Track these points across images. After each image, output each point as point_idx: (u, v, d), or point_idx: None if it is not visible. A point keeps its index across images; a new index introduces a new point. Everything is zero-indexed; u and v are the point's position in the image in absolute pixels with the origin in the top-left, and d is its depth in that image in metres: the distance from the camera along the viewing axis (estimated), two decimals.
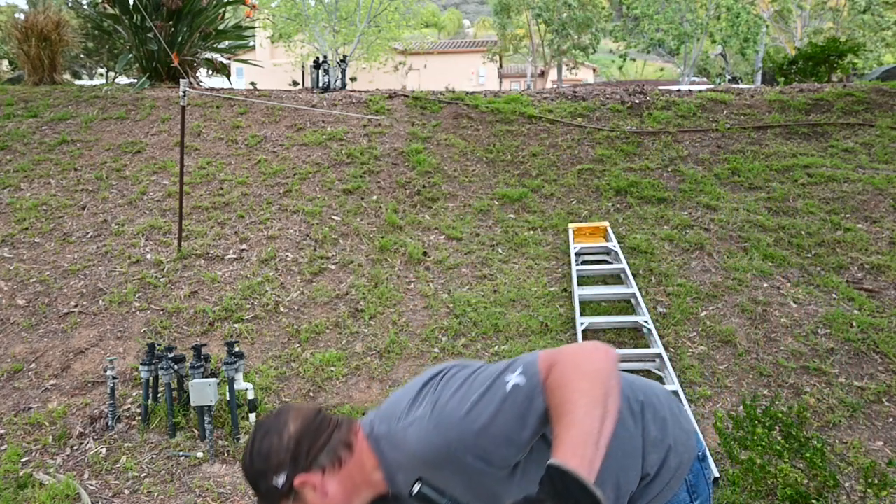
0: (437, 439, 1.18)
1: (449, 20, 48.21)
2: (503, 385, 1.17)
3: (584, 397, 1.08)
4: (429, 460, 1.21)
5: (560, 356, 1.15)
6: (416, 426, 1.22)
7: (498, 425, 1.15)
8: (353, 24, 15.32)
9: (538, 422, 1.16)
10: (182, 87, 4.74)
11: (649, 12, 14.78)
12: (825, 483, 2.75)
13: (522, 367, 1.18)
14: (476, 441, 1.16)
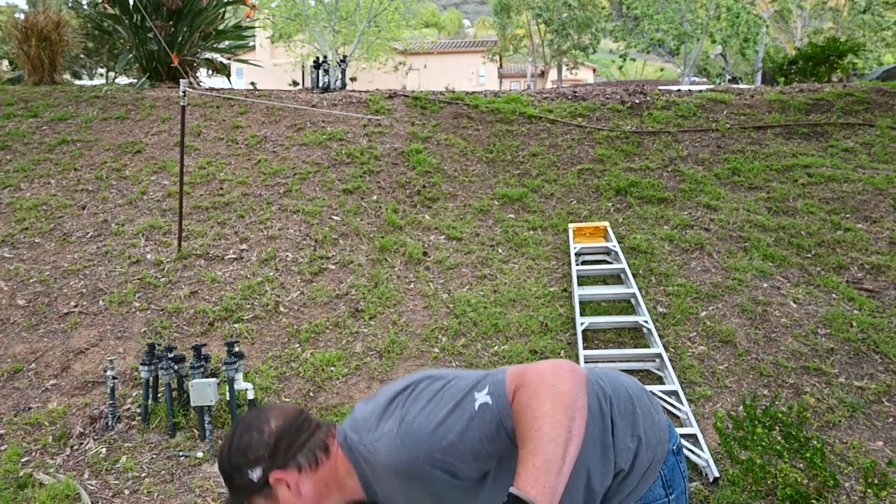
0: (405, 454, 1.20)
1: (449, 20, 48.21)
2: (472, 402, 1.18)
3: (547, 423, 1.08)
4: (399, 472, 1.22)
5: (526, 377, 1.15)
6: (385, 440, 1.23)
7: (465, 442, 1.17)
8: (353, 24, 15.32)
9: (505, 440, 1.17)
10: (182, 87, 4.74)
11: (649, 12, 14.78)
12: (825, 483, 2.75)
13: (490, 386, 1.19)
14: (444, 457, 1.18)
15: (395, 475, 1.23)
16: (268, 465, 1.30)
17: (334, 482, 1.32)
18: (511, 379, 1.17)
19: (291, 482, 1.30)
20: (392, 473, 1.24)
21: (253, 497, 1.31)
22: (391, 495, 1.30)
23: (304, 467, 1.30)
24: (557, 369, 1.14)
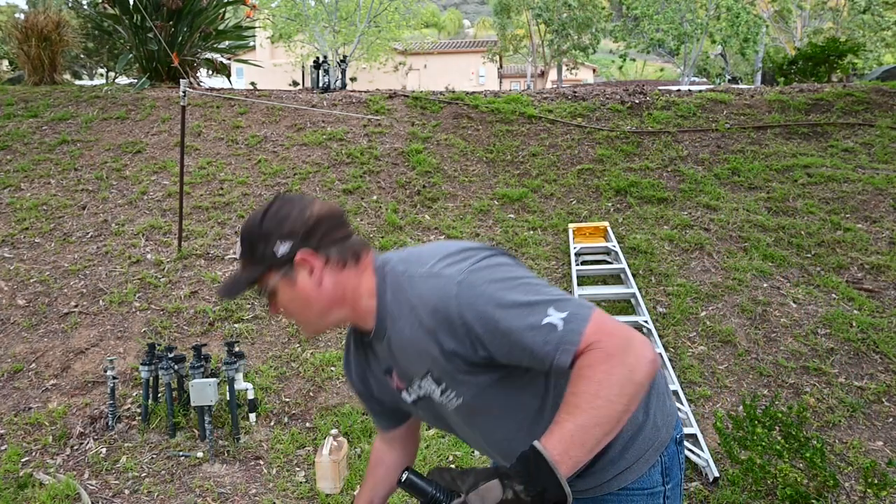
0: (453, 303, 1.11)
1: (449, 20, 48.21)
2: (542, 313, 1.06)
3: (604, 405, 1.00)
4: (431, 312, 1.14)
5: (610, 341, 1.03)
6: (440, 281, 1.14)
7: (509, 340, 1.08)
8: (353, 24, 15.32)
9: (543, 367, 1.08)
10: (182, 87, 4.74)
11: (649, 12, 14.78)
12: (825, 483, 2.75)
13: (569, 314, 1.06)
14: (483, 333, 1.10)
15: (427, 316, 1.14)
16: (298, 243, 1.20)
17: (352, 295, 1.24)
18: (593, 328, 1.05)
19: (316, 268, 1.21)
20: (425, 313, 1.14)
21: (269, 273, 1.21)
22: (395, 341, 1.23)
23: (333, 261, 1.21)
24: (642, 354, 1.03)
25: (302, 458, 3.39)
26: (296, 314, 1.26)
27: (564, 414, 1.02)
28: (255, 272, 1.21)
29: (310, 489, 3.11)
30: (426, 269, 1.18)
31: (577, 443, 0.99)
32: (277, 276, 1.21)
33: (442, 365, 1.16)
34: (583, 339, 1.04)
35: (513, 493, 0.94)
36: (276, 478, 3.23)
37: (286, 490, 3.13)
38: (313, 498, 3.07)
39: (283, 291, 1.22)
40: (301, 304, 1.23)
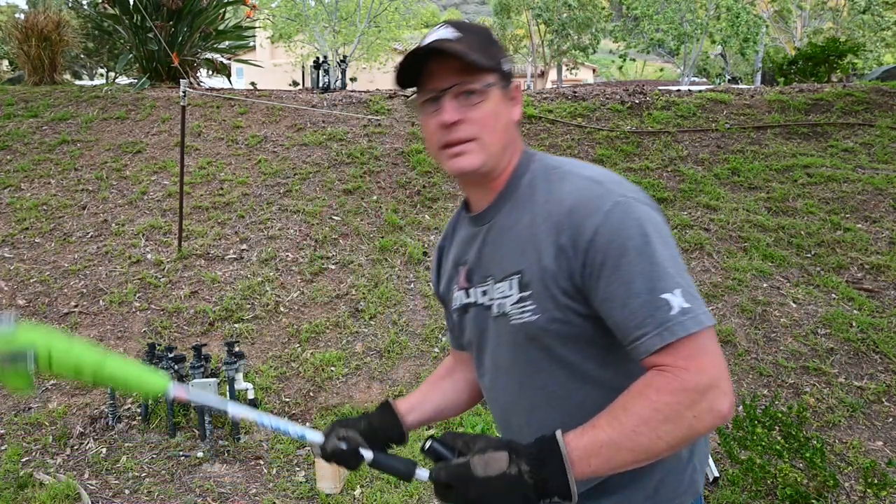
0: (599, 215, 0.97)
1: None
2: (669, 287, 0.94)
3: (646, 437, 0.89)
4: (566, 212, 1.00)
5: (693, 373, 0.90)
6: (601, 189, 1.01)
7: (623, 289, 0.95)
8: (353, 25, 15.32)
9: (626, 339, 0.97)
10: (182, 87, 4.74)
11: (649, 12, 14.78)
12: (825, 483, 2.75)
13: (690, 308, 0.93)
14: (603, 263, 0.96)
15: (559, 214, 1.01)
16: (510, 75, 1.11)
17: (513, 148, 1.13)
18: (696, 342, 0.92)
19: (519, 103, 1.13)
20: (558, 209, 1.01)
21: (493, 74, 1.06)
22: (500, 228, 1.11)
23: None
24: (717, 406, 0.90)
25: (302, 458, 3.39)
26: (487, 130, 1.06)
27: (605, 421, 0.92)
28: (488, 61, 1.04)
29: (310, 489, 3.11)
30: (589, 173, 1.06)
31: (603, 456, 0.90)
32: (498, 83, 1.07)
33: (544, 269, 1.01)
34: (682, 341, 0.92)
35: (518, 470, 0.89)
36: (276, 478, 3.24)
37: (286, 490, 3.14)
38: (313, 498, 3.07)
39: (493, 101, 1.06)
40: (500, 124, 1.08)
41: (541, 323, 1.03)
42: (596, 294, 0.98)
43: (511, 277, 1.06)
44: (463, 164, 1.07)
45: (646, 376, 0.94)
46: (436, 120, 1.07)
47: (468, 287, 1.17)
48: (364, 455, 1.12)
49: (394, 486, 3.13)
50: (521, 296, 1.05)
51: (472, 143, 1.06)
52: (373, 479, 3.20)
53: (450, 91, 1.05)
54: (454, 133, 1.06)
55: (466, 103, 1.05)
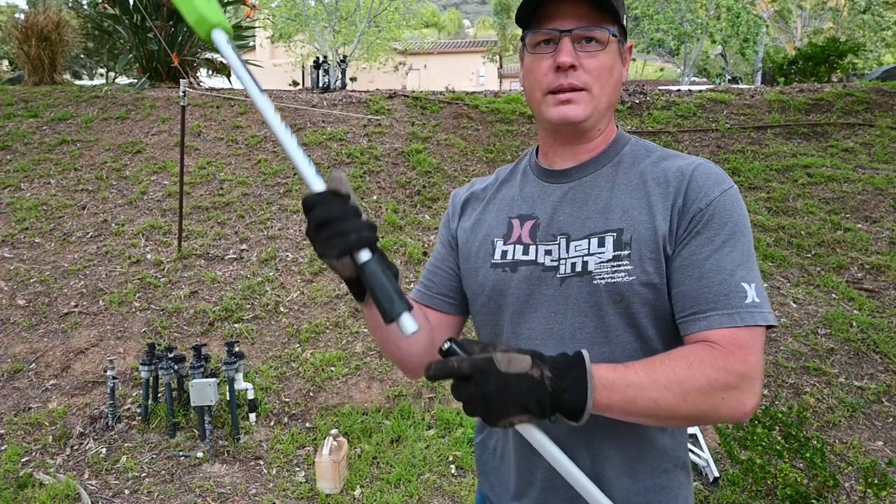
0: (714, 189, 0.99)
1: (449, 20, 48.19)
2: (749, 278, 0.96)
3: (673, 394, 0.88)
4: (684, 177, 1.01)
5: (738, 359, 0.91)
6: (713, 170, 1.02)
7: (709, 261, 0.96)
8: (353, 24, 15.32)
9: (685, 312, 0.97)
10: (182, 87, 4.74)
11: (649, 12, 14.78)
12: (825, 483, 2.75)
13: (759, 304, 0.95)
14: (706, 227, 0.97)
15: (675, 178, 1.02)
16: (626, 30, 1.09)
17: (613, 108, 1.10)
18: (751, 334, 0.93)
19: (628, 63, 1.10)
20: (674, 174, 1.02)
21: (616, 24, 1.04)
22: (596, 185, 1.08)
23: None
24: (747, 398, 0.91)
25: (302, 458, 3.39)
26: (600, 82, 1.03)
27: (640, 366, 0.91)
28: (613, 11, 1.02)
29: (310, 489, 3.11)
30: (695, 159, 1.06)
31: (625, 396, 0.88)
32: (619, 34, 1.05)
33: (654, 229, 1.00)
34: (742, 330, 0.93)
35: (540, 374, 0.84)
36: (276, 478, 3.23)
37: (286, 490, 3.14)
38: (313, 498, 3.07)
39: (609, 55, 1.03)
40: (614, 79, 1.05)
41: (635, 284, 1.00)
42: (678, 256, 0.99)
43: (604, 235, 1.02)
44: (569, 112, 1.04)
45: (693, 345, 0.94)
46: (549, 62, 1.03)
47: (529, 244, 1.09)
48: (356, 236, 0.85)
49: (394, 486, 3.13)
50: (617, 254, 1.01)
51: (582, 93, 1.03)
52: (373, 479, 3.20)
53: (572, 33, 1.01)
54: (568, 78, 1.02)
55: (585, 49, 1.02)
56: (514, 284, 1.08)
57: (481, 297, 1.14)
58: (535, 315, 1.07)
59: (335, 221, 0.85)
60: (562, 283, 1.04)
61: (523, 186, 1.16)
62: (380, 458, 3.34)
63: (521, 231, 1.11)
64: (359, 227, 0.85)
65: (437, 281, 1.21)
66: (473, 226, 1.19)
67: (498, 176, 1.23)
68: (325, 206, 0.85)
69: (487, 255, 1.13)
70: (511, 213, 1.14)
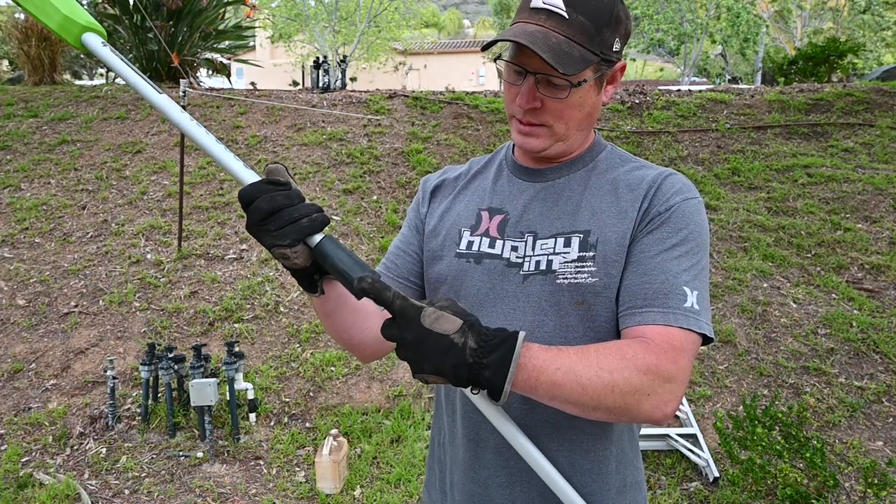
0: (675, 197, 1.01)
1: (449, 20, 48.19)
2: (692, 283, 0.96)
3: (601, 383, 0.87)
4: (654, 185, 1.03)
5: (668, 360, 0.91)
6: (678, 181, 1.05)
7: (657, 259, 0.98)
8: (353, 24, 15.32)
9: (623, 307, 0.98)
10: (182, 87, 4.74)
11: (649, 12, 14.78)
12: (825, 483, 2.75)
13: (698, 308, 0.95)
14: (661, 227, 1.00)
15: (647, 184, 1.04)
16: (622, 48, 1.05)
17: (589, 123, 1.10)
18: (681, 341, 0.93)
19: (616, 83, 1.08)
20: (645, 181, 1.04)
21: (591, 67, 1.00)
22: (567, 187, 1.09)
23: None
24: (665, 400, 0.90)
25: (302, 458, 3.39)
26: (563, 121, 1.04)
27: (574, 350, 0.89)
28: (592, 54, 0.99)
29: (310, 489, 3.11)
30: (668, 170, 1.08)
31: (554, 379, 0.86)
32: (594, 74, 1.02)
33: (621, 232, 1.01)
34: (676, 331, 0.93)
35: (463, 342, 0.82)
36: (276, 478, 3.23)
37: (286, 490, 3.13)
38: (313, 498, 3.07)
39: (581, 93, 1.02)
40: (583, 114, 1.05)
41: (598, 286, 1.00)
42: (629, 252, 1.00)
43: (570, 235, 1.03)
44: (528, 143, 1.06)
45: (629, 340, 0.94)
46: (512, 95, 1.04)
47: (500, 237, 1.09)
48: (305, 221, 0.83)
49: (394, 486, 3.13)
50: (582, 255, 1.01)
51: (542, 129, 1.04)
52: (373, 479, 3.20)
53: (536, 76, 1.00)
54: (528, 115, 1.04)
55: (550, 93, 1.01)
56: (476, 276, 1.08)
57: (441, 285, 1.13)
58: (494, 309, 1.06)
59: (284, 209, 0.84)
60: (524, 280, 1.04)
61: (497, 180, 1.16)
62: (380, 458, 3.34)
63: (490, 224, 1.11)
64: (309, 211, 0.85)
65: (399, 264, 1.20)
66: (442, 213, 1.18)
67: (471, 166, 1.22)
68: (269, 197, 0.83)
69: (453, 244, 1.12)
70: (481, 204, 1.14)
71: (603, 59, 1.00)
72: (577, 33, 0.97)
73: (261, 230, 0.85)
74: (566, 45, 0.97)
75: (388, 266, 1.21)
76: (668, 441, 3.29)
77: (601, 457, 1.06)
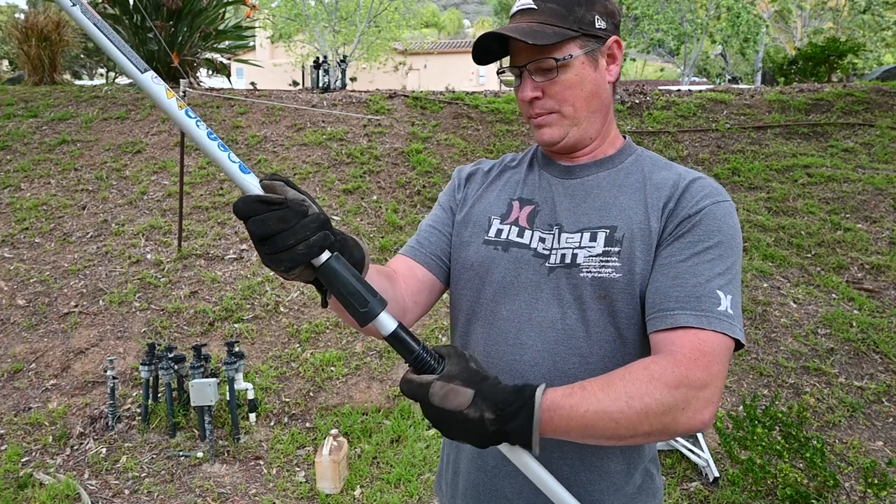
0: (706, 200, 1.00)
1: (449, 20, 48.20)
2: (726, 287, 0.94)
3: (634, 410, 0.84)
4: (684, 186, 1.02)
5: (699, 368, 0.88)
6: (709, 185, 1.03)
7: (688, 263, 0.96)
8: (353, 24, 15.32)
9: (653, 309, 0.96)
10: (182, 87, 4.74)
11: (649, 12, 14.78)
12: (825, 483, 2.75)
13: (731, 313, 0.93)
14: (689, 231, 0.98)
15: (673, 187, 1.03)
16: (612, 27, 1.08)
17: (609, 117, 1.12)
18: (714, 345, 0.90)
19: (617, 62, 1.09)
20: (671, 184, 1.04)
21: (574, 41, 1.03)
22: (597, 183, 1.10)
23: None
24: (703, 408, 0.87)
25: (302, 458, 3.39)
26: (567, 102, 1.06)
27: (598, 385, 0.86)
28: (567, 30, 1.03)
29: (310, 489, 3.11)
30: (696, 173, 1.08)
31: (585, 423, 0.84)
32: (581, 50, 1.04)
33: (648, 229, 1.01)
34: (709, 335, 0.90)
35: (479, 416, 0.80)
36: (276, 478, 3.23)
37: (286, 490, 3.14)
38: (313, 498, 3.07)
39: (573, 70, 1.05)
40: (585, 92, 1.06)
41: (621, 282, 1.00)
42: (657, 256, 1.00)
43: (597, 230, 1.04)
44: (545, 135, 1.09)
45: (653, 357, 0.91)
46: (518, 95, 1.09)
47: (525, 227, 1.10)
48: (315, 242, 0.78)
49: (394, 486, 3.13)
50: (607, 250, 1.02)
51: (552, 115, 1.08)
52: (373, 479, 3.20)
53: (526, 68, 1.06)
54: (534, 108, 1.08)
55: (543, 77, 1.05)
56: (503, 264, 1.09)
57: (467, 271, 1.13)
58: (517, 298, 1.06)
59: (276, 236, 0.76)
60: (549, 273, 1.05)
61: (528, 174, 1.18)
62: (380, 458, 3.34)
63: (520, 214, 1.12)
64: (306, 234, 0.77)
65: (432, 241, 1.20)
66: (473, 202, 1.20)
67: (503, 160, 1.26)
68: (259, 221, 0.76)
69: (482, 231, 1.14)
70: (513, 195, 1.16)
71: (584, 34, 1.04)
72: (547, 17, 1.04)
73: (257, 249, 0.79)
74: (537, 26, 1.03)
75: (421, 242, 1.21)
76: (668, 441, 3.30)
77: (606, 456, 1.06)
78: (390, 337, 0.84)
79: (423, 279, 1.16)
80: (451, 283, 1.19)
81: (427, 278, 1.17)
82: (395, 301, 1.07)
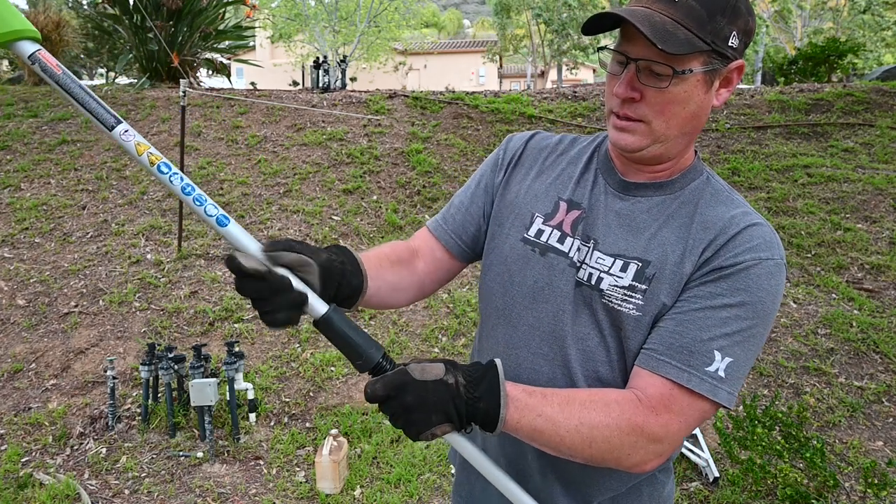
0: (747, 255, 0.92)
1: (449, 20, 48.20)
2: (727, 349, 0.90)
3: (580, 437, 0.87)
4: (725, 230, 0.95)
5: (662, 423, 0.89)
6: (762, 232, 0.95)
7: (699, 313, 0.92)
8: (353, 24, 15.33)
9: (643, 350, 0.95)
10: (182, 87, 4.74)
11: None
12: (825, 483, 2.75)
13: (728, 377, 0.90)
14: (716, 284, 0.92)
15: (718, 230, 0.95)
16: (742, 47, 0.95)
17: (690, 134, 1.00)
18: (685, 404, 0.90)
19: (732, 86, 0.98)
20: (723, 230, 0.95)
21: (701, 56, 0.91)
22: (646, 209, 1.01)
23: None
24: (646, 459, 0.90)
25: (302, 458, 3.39)
26: (663, 117, 0.95)
27: (558, 399, 0.89)
28: (701, 41, 0.89)
29: (310, 489, 3.11)
30: (758, 217, 0.98)
31: (534, 425, 0.87)
32: (703, 67, 0.91)
33: (680, 274, 0.95)
34: (685, 392, 0.89)
35: (454, 379, 0.84)
36: (276, 478, 3.23)
37: (286, 490, 3.14)
38: (313, 498, 3.07)
39: (685, 87, 0.92)
40: (687, 112, 0.95)
41: (642, 322, 0.96)
42: (682, 294, 0.94)
43: (630, 261, 0.98)
44: (622, 140, 0.98)
45: (621, 392, 0.92)
46: (612, 86, 0.97)
47: (567, 234, 1.04)
48: (312, 304, 0.85)
49: (394, 486, 3.13)
50: (633, 285, 0.96)
51: (639, 125, 0.96)
52: (373, 479, 3.20)
53: (637, 62, 0.92)
54: (624, 108, 0.96)
55: (652, 82, 0.92)
56: (537, 268, 1.04)
57: (499, 265, 1.09)
58: (545, 306, 1.03)
59: (259, 301, 0.83)
60: (577, 286, 1.01)
61: (584, 172, 1.09)
62: (380, 458, 3.34)
63: (565, 217, 1.05)
64: (284, 305, 0.82)
65: (458, 219, 1.17)
66: (518, 190, 1.12)
67: (563, 141, 1.16)
68: (239, 286, 0.82)
69: (522, 226, 1.08)
70: (562, 193, 1.08)
71: (714, 49, 0.90)
72: (685, 16, 0.89)
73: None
74: (671, 25, 0.89)
75: (447, 219, 1.19)
76: None
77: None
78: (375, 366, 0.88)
79: (441, 259, 1.18)
80: (483, 270, 1.15)
81: (445, 259, 1.18)
82: (413, 281, 1.14)
